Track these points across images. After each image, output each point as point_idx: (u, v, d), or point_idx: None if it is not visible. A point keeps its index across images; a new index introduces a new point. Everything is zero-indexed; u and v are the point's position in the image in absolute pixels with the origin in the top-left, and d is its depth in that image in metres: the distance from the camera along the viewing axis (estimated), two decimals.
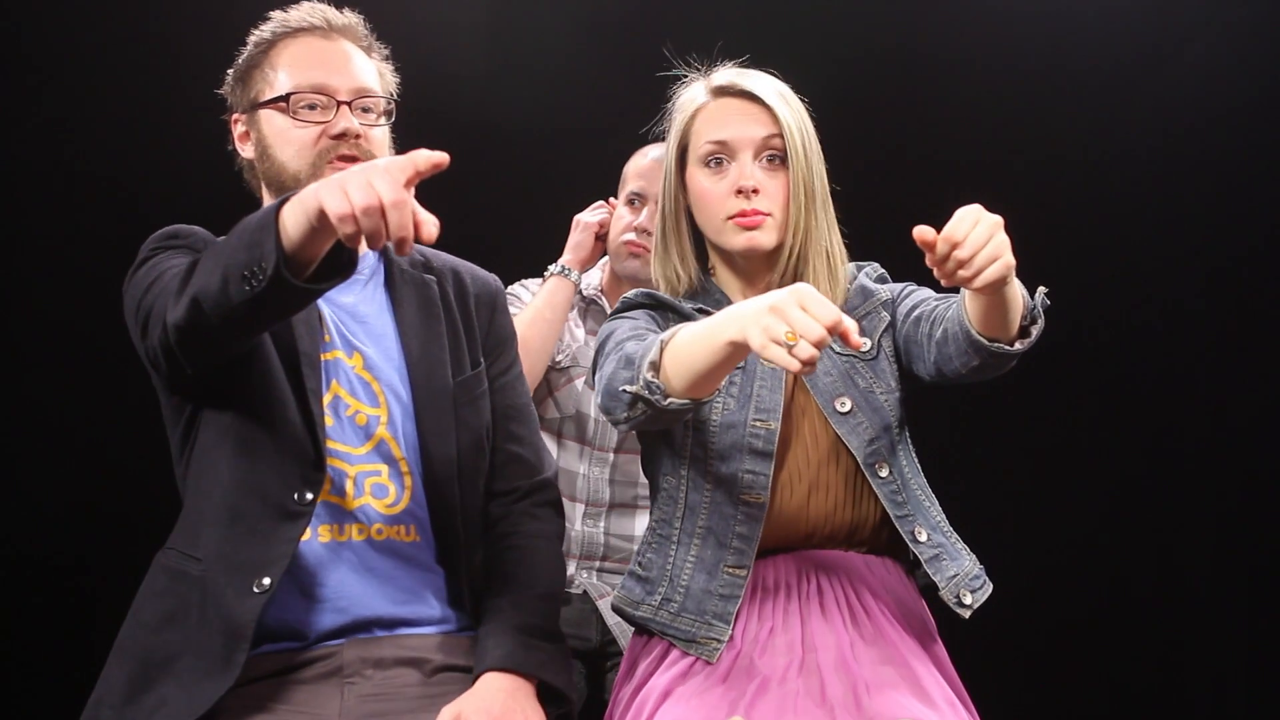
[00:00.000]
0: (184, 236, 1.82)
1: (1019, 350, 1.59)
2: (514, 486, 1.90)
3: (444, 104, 3.03)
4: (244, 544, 1.69)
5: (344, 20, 1.88)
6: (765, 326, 1.40)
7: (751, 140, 1.78)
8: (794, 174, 1.77)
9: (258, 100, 1.84)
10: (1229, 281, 3.21)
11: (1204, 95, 3.16)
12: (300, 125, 1.81)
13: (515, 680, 1.71)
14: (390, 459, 1.79)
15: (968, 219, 1.47)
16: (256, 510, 1.71)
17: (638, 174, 2.54)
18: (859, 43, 3.17)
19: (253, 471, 1.72)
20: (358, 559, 1.76)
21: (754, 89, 1.79)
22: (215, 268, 1.55)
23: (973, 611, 1.77)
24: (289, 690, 1.73)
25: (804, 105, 1.84)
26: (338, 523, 1.76)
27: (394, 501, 1.79)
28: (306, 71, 1.82)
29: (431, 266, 1.93)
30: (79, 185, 3.07)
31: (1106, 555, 3.26)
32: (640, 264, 2.48)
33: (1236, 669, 3.24)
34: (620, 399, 1.60)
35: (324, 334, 1.81)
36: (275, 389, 1.73)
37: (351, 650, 1.74)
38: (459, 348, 1.87)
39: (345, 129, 1.80)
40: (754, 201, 1.77)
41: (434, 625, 1.80)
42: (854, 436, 1.76)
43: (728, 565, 1.76)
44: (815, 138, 1.82)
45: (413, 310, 1.86)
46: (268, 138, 1.83)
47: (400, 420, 1.80)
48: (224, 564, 1.69)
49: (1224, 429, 3.24)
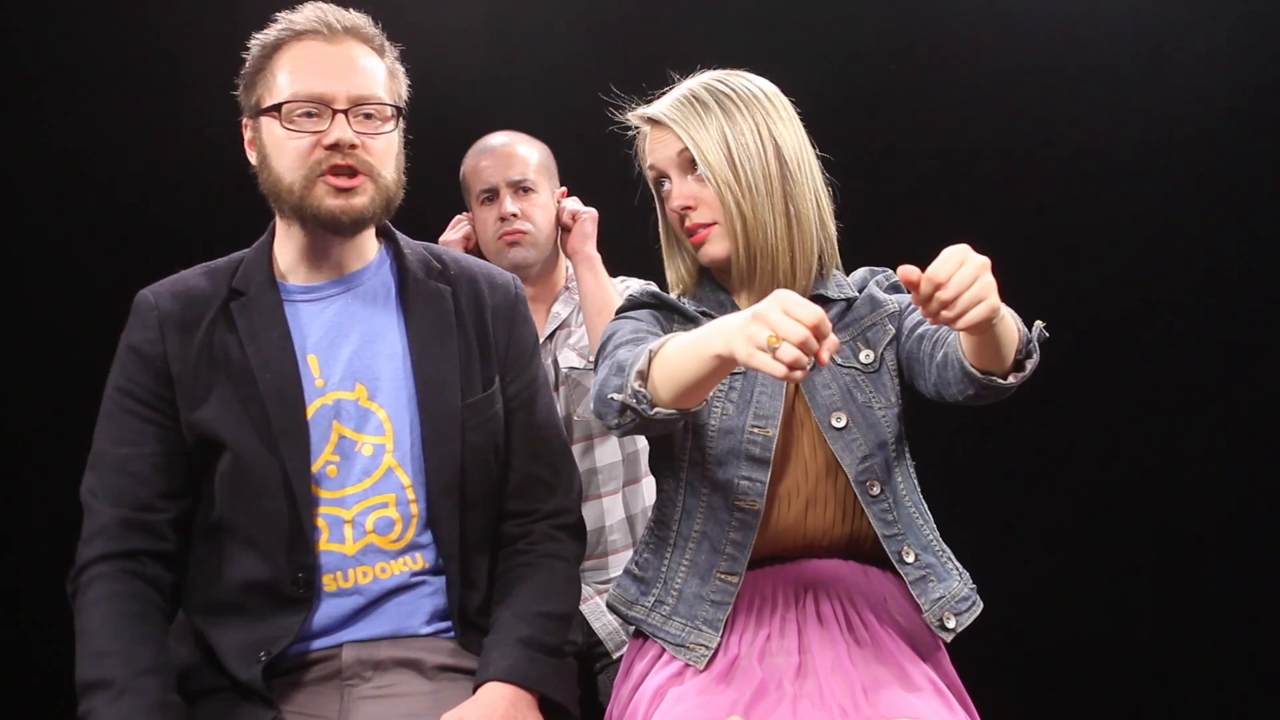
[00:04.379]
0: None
1: (1013, 384, 1.59)
2: (533, 509, 1.87)
3: (444, 104, 3.03)
4: (250, 629, 1.73)
5: (351, 20, 1.79)
6: (749, 335, 1.40)
7: (671, 160, 1.79)
8: (713, 182, 1.75)
9: (260, 106, 1.78)
10: (1228, 281, 3.20)
11: (1204, 95, 3.16)
12: (295, 135, 1.74)
13: (517, 691, 1.71)
14: (397, 486, 1.78)
15: (953, 259, 1.43)
16: (259, 605, 1.74)
17: (476, 173, 2.56)
18: (857, 42, 3.17)
19: (253, 567, 1.74)
20: (363, 599, 1.77)
21: (653, 113, 1.79)
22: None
23: (955, 635, 1.77)
24: (288, 692, 1.74)
25: (766, 98, 1.78)
26: (341, 569, 1.76)
27: (399, 536, 1.78)
28: (304, 78, 1.74)
29: (448, 274, 1.88)
30: (79, 184, 3.07)
31: (1107, 556, 3.26)
32: (524, 250, 2.51)
33: (1237, 670, 3.23)
34: (610, 406, 1.60)
35: (316, 379, 1.78)
36: (256, 480, 1.74)
37: (350, 652, 1.75)
38: (471, 367, 1.83)
39: (338, 140, 1.73)
40: (691, 218, 1.78)
41: (433, 629, 1.81)
42: (847, 453, 1.75)
43: (720, 571, 1.76)
44: (761, 132, 1.76)
45: (425, 327, 1.83)
46: (266, 146, 1.77)
47: (407, 445, 1.79)
48: (233, 643, 1.73)
49: (1224, 429, 3.23)
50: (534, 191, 2.54)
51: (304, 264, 1.83)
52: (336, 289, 1.83)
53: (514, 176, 2.53)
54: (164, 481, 1.75)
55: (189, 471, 1.77)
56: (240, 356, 1.76)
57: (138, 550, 1.73)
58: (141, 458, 1.75)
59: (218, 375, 1.76)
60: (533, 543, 1.85)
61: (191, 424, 1.75)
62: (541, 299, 2.59)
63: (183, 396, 1.76)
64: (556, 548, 1.86)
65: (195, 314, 1.79)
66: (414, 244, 1.91)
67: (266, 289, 1.80)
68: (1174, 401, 3.23)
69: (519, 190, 2.53)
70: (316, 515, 1.75)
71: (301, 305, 1.82)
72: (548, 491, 1.88)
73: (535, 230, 2.53)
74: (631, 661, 1.84)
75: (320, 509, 1.75)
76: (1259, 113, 3.14)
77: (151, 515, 1.74)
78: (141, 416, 1.76)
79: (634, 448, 2.56)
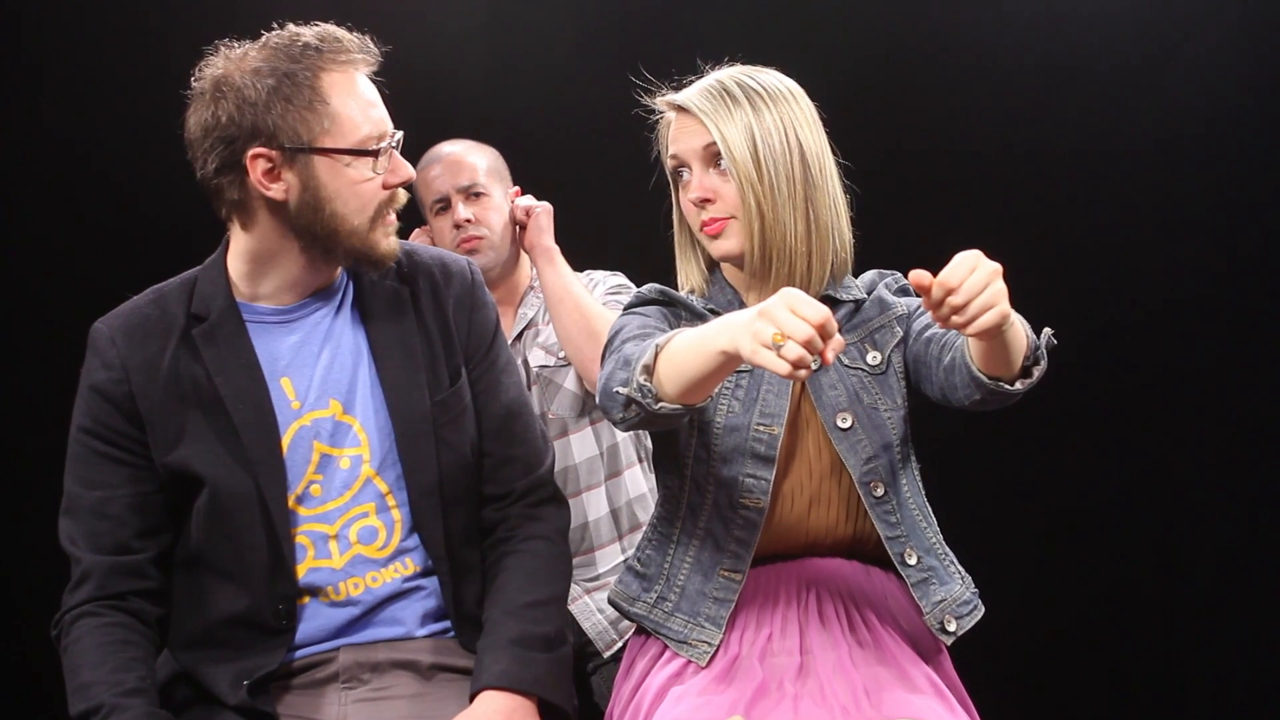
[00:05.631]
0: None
1: (1020, 390, 1.58)
2: (509, 490, 1.86)
3: (444, 104, 3.03)
4: (233, 661, 1.73)
5: (362, 40, 1.74)
6: (755, 332, 1.40)
7: (695, 151, 1.77)
8: (737, 177, 1.74)
9: (313, 144, 1.67)
10: (1229, 282, 3.20)
11: (1204, 95, 3.16)
12: (371, 178, 1.71)
13: (513, 700, 1.70)
14: (376, 494, 1.78)
15: (964, 265, 1.43)
16: (242, 637, 1.74)
17: (426, 184, 2.55)
18: (857, 42, 3.16)
19: (233, 600, 1.74)
20: (358, 609, 1.76)
21: (683, 101, 1.78)
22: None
23: (956, 638, 1.76)
24: (285, 696, 1.74)
25: (791, 96, 1.78)
26: (331, 584, 1.76)
27: (384, 544, 1.78)
28: (372, 118, 1.70)
29: (402, 271, 1.84)
30: (79, 185, 3.07)
31: (1108, 556, 3.26)
32: (484, 254, 2.51)
33: (1237, 670, 3.23)
34: (615, 399, 1.60)
35: (291, 401, 1.76)
36: (235, 513, 1.73)
37: (348, 655, 1.75)
38: (436, 363, 1.81)
39: (407, 177, 1.75)
40: (708, 210, 1.76)
41: (429, 630, 1.81)
42: (852, 454, 1.75)
43: (724, 568, 1.76)
44: (786, 131, 1.76)
45: (386, 328, 1.80)
46: (326, 187, 1.68)
47: (383, 453, 1.78)
48: (218, 675, 1.72)
49: (1226, 431, 3.23)
50: (486, 195, 2.55)
51: (282, 287, 1.78)
52: (304, 309, 1.80)
53: (464, 183, 2.54)
54: (142, 521, 1.74)
55: (167, 508, 1.76)
56: (209, 387, 1.73)
57: (123, 592, 1.72)
58: (117, 500, 1.73)
59: (189, 409, 1.73)
60: (512, 528, 1.84)
61: (167, 463, 1.73)
62: (507, 301, 2.59)
63: (155, 436, 1.73)
64: (537, 528, 1.85)
65: (156, 346, 1.74)
66: None
67: (228, 313, 1.76)
68: (1175, 402, 3.23)
69: (470, 196, 2.54)
70: (298, 534, 1.74)
71: (268, 327, 1.78)
72: (521, 469, 1.87)
73: (491, 233, 2.53)
74: (633, 660, 1.83)
75: (303, 527, 1.74)
76: (1259, 113, 3.14)
77: (133, 557, 1.73)
78: (113, 459, 1.73)
79: (613, 440, 2.55)
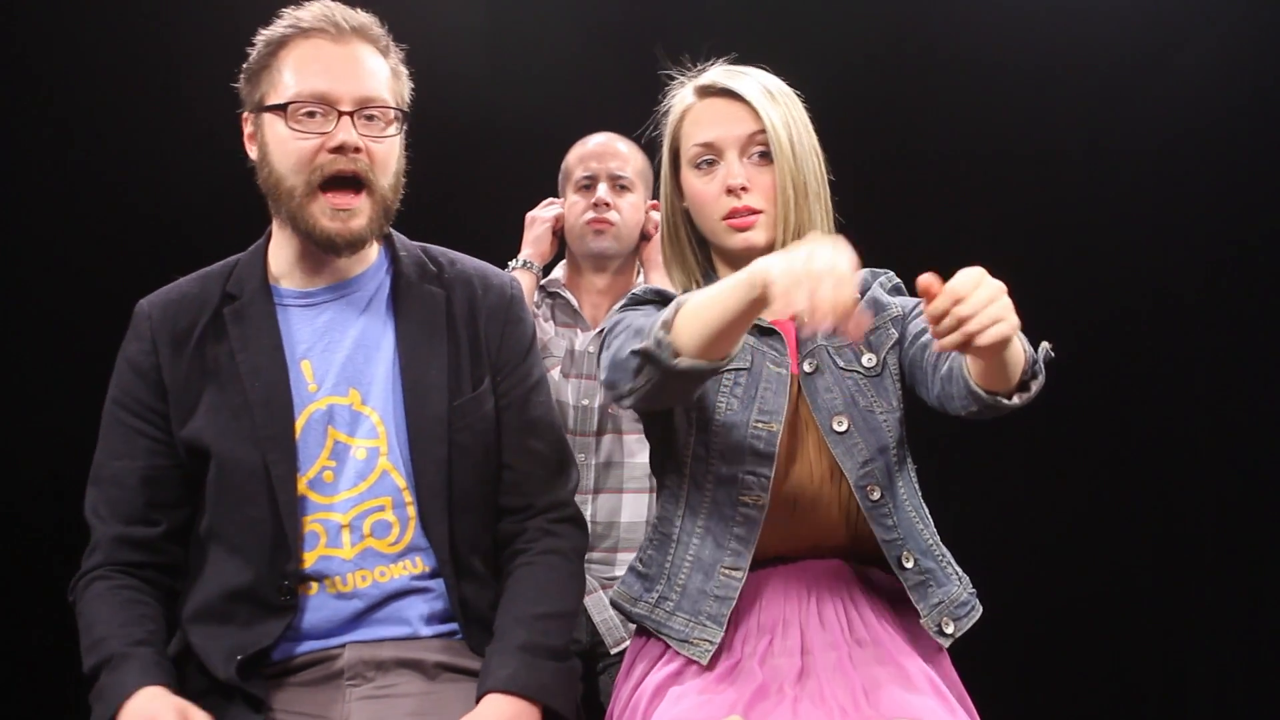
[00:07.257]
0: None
1: (1017, 405, 1.57)
2: (527, 504, 1.85)
3: (444, 104, 3.02)
4: (233, 635, 1.74)
5: (358, 20, 1.77)
6: (792, 284, 1.36)
7: (736, 139, 1.77)
8: (780, 170, 1.75)
9: (263, 103, 1.76)
10: (1228, 281, 3.21)
11: (1204, 95, 3.16)
12: (299, 136, 1.72)
13: (518, 705, 1.69)
14: (394, 489, 1.78)
15: (970, 280, 1.41)
16: (244, 613, 1.75)
17: (581, 160, 2.65)
18: (857, 42, 3.17)
19: (237, 574, 1.75)
20: (363, 603, 1.77)
21: (735, 87, 1.77)
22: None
23: (953, 640, 1.76)
24: (288, 692, 1.74)
25: (799, 99, 1.82)
26: (340, 574, 1.76)
27: (396, 539, 1.78)
28: (310, 77, 1.73)
29: (443, 278, 1.87)
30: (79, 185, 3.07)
31: (1108, 556, 3.26)
32: (608, 240, 2.60)
33: (1237, 670, 3.24)
34: (625, 367, 1.59)
35: (309, 384, 1.78)
36: (240, 486, 1.74)
37: (352, 652, 1.75)
38: (459, 369, 1.82)
39: (343, 142, 1.71)
40: (744, 199, 1.76)
41: (434, 630, 1.80)
42: (848, 458, 1.75)
43: (724, 566, 1.75)
44: (809, 131, 1.80)
45: (414, 329, 1.82)
46: (269, 144, 1.75)
47: (399, 449, 1.79)
48: (214, 648, 1.73)
49: (1224, 428, 3.23)
50: (629, 190, 2.63)
51: (301, 270, 1.83)
52: (332, 294, 1.83)
53: (614, 170, 2.62)
54: (159, 494, 1.78)
55: (185, 483, 1.79)
56: (230, 364, 1.77)
57: (137, 562, 1.77)
58: (135, 471, 1.77)
59: (208, 384, 1.77)
60: (529, 540, 1.84)
61: (183, 436, 1.76)
62: (611, 293, 2.67)
63: (174, 409, 1.77)
64: (554, 543, 1.85)
65: (188, 322, 1.79)
66: (411, 246, 1.91)
67: (260, 294, 1.81)
68: (1174, 402, 3.23)
69: (616, 184, 2.62)
70: (311, 521, 1.75)
71: (296, 310, 1.82)
72: (542, 486, 1.87)
73: (622, 224, 2.62)
74: (633, 660, 1.84)
75: (315, 514, 1.75)
76: (1259, 113, 3.14)
77: (148, 529, 1.77)
78: (135, 429, 1.78)
79: None
